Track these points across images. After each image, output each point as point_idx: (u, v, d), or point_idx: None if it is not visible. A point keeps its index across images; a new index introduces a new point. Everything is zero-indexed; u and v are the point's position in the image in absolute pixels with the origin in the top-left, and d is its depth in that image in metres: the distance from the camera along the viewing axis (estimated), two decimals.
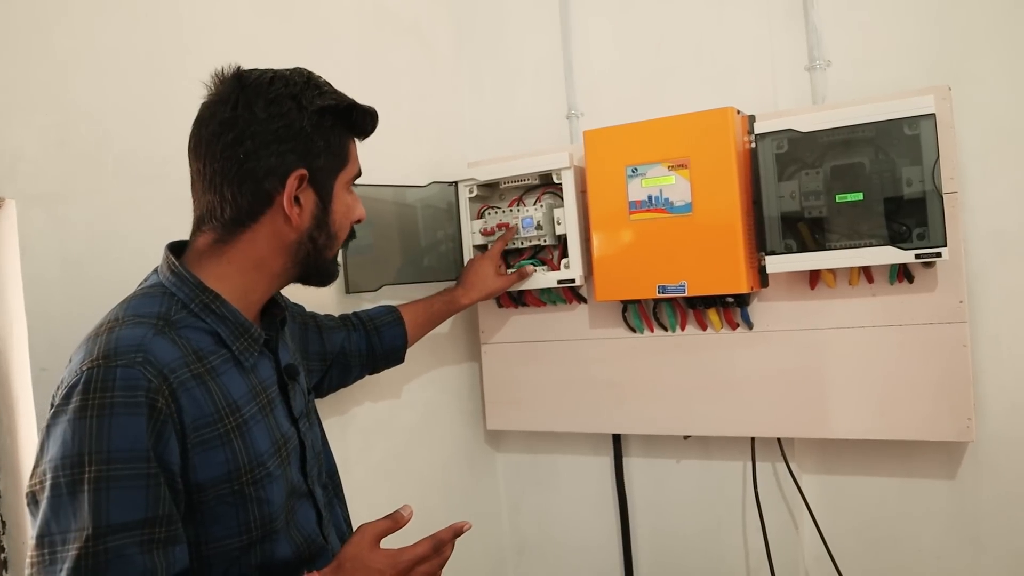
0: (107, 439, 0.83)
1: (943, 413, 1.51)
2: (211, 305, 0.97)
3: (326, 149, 1.02)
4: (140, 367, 0.86)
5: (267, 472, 0.97)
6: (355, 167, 1.10)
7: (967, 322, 1.50)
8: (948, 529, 1.63)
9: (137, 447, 0.84)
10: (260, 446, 0.97)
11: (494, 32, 2.11)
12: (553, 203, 1.81)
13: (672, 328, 1.76)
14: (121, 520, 0.82)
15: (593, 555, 2.03)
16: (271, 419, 1.02)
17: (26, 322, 1.12)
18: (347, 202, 1.09)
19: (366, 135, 1.11)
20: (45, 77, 1.17)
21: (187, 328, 0.95)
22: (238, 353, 0.99)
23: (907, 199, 1.45)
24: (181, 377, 0.90)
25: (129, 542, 0.82)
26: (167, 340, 0.91)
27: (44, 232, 1.15)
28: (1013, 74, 1.54)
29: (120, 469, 0.83)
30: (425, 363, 1.93)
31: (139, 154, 1.29)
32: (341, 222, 1.08)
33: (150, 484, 0.84)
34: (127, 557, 0.82)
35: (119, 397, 0.84)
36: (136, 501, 0.83)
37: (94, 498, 0.81)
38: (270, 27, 1.56)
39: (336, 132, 1.04)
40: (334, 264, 1.11)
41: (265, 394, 1.02)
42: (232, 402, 0.95)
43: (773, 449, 1.72)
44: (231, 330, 0.99)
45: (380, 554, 0.95)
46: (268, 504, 0.96)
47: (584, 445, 2.03)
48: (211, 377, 0.94)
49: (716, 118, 1.57)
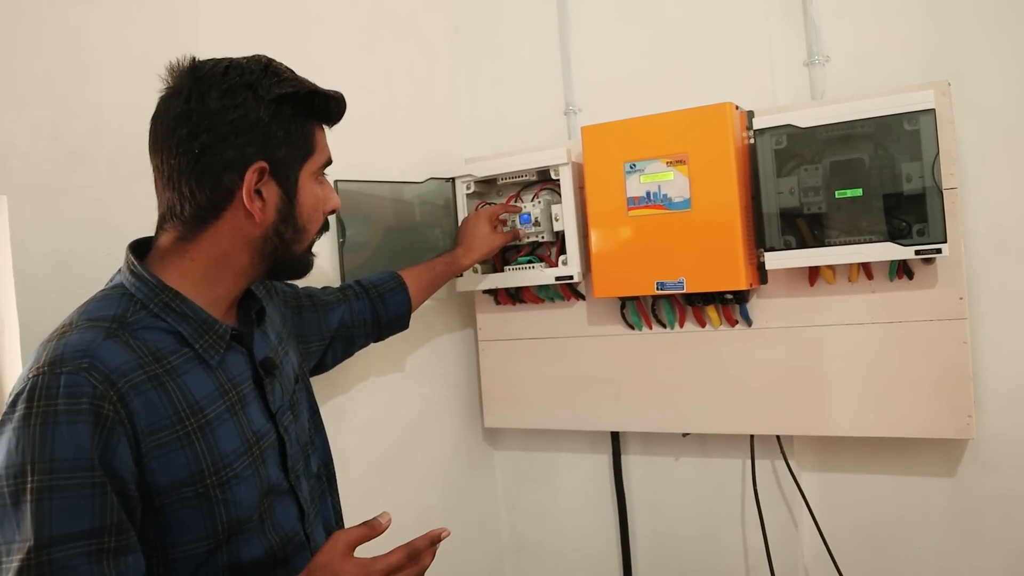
0: (50, 448, 0.80)
1: (943, 410, 1.50)
2: (171, 304, 0.95)
3: (287, 139, 0.98)
4: (85, 373, 0.84)
5: (234, 473, 0.94)
6: (323, 155, 1.05)
7: (967, 319, 1.49)
8: (948, 527, 1.63)
9: (80, 456, 0.81)
10: (225, 447, 0.94)
11: (491, 27, 2.10)
12: (551, 199, 1.80)
13: (671, 325, 1.75)
14: (65, 531, 0.80)
15: (591, 553, 2.02)
16: (242, 417, 0.99)
17: (17, 319, 1.11)
18: (315, 193, 1.04)
19: (333, 121, 1.06)
20: (37, 72, 1.16)
21: (145, 329, 0.92)
22: (202, 351, 0.96)
23: (907, 195, 1.44)
24: (134, 380, 0.87)
25: (75, 553, 0.80)
26: (119, 343, 0.88)
27: (36, 228, 1.14)
28: (1013, 69, 1.53)
29: (63, 479, 0.80)
30: (423, 360, 1.92)
31: (132, 149, 1.27)
32: (310, 214, 1.03)
33: (95, 493, 0.82)
34: (74, 568, 0.79)
35: (62, 405, 0.82)
36: (80, 511, 0.81)
37: (36, 508, 0.79)
38: (264, 22, 1.55)
39: (298, 121, 0.99)
40: (306, 256, 1.07)
41: (236, 391, 0.99)
42: (194, 403, 0.92)
43: (772, 447, 1.71)
44: (193, 328, 0.96)
45: (352, 563, 0.92)
46: (235, 506, 0.94)
47: (582, 443, 2.02)
48: (170, 378, 0.91)
49: (714, 113, 1.57)
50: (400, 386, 1.85)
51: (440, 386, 1.98)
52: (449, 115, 2.10)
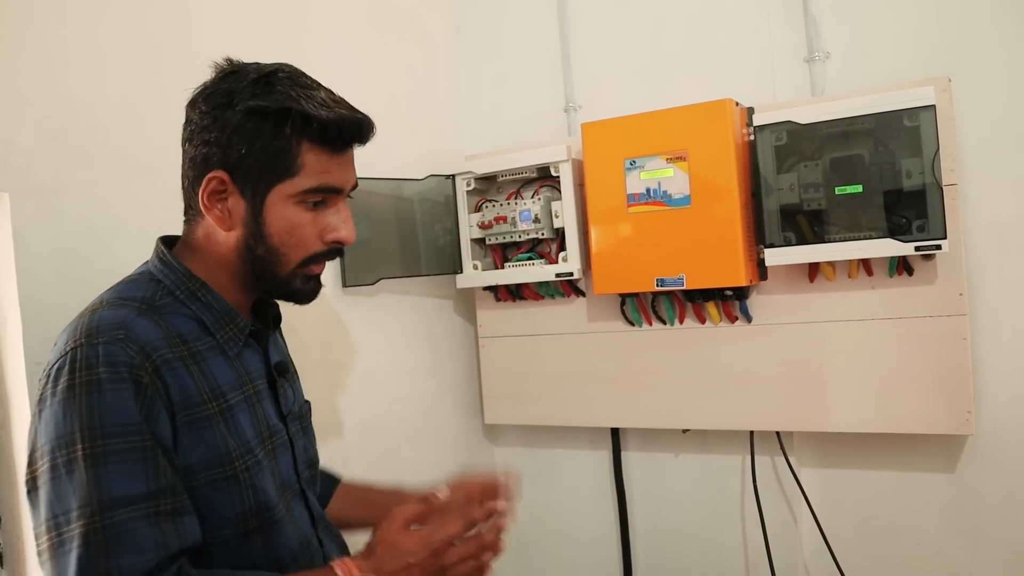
0: (98, 415, 0.82)
1: (942, 406, 1.51)
2: (196, 293, 0.97)
3: (253, 153, 0.93)
4: (122, 344, 0.85)
5: (256, 460, 0.96)
6: (311, 180, 0.95)
7: (967, 315, 1.49)
8: (947, 523, 1.63)
9: (129, 420, 0.83)
10: (247, 433, 0.96)
11: (491, 24, 2.10)
12: (551, 196, 1.80)
13: (671, 321, 1.75)
14: (123, 494, 0.82)
15: (592, 549, 2.03)
16: (258, 409, 1.00)
17: (20, 315, 1.11)
18: (290, 216, 0.96)
19: (336, 145, 0.97)
20: (38, 70, 1.16)
21: (172, 314, 0.94)
22: (222, 342, 0.97)
23: (907, 191, 1.44)
24: (164, 356, 0.89)
25: (135, 515, 0.82)
26: (150, 321, 0.90)
27: (38, 225, 1.14)
28: (1013, 66, 1.53)
29: (115, 443, 0.82)
30: (423, 357, 1.93)
31: (132, 147, 1.28)
32: (281, 236, 0.96)
33: (147, 456, 0.84)
34: (135, 531, 0.81)
35: (104, 373, 0.84)
36: (136, 474, 0.83)
37: (93, 475, 0.81)
38: (263, 20, 1.55)
39: (276, 137, 0.93)
40: (295, 282, 1.00)
41: (251, 385, 1.01)
42: (217, 387, 0.94)
43: (772, 443, 1.72)
44: (216, 318, 0.97)
45: (411, 537, 0.93)
46: (262, 492, 0.95)
47: (582, 439, 2.02)
48: (195, 362, 0.93)
49: (715, 110, 1.57)
50: (400, 383, 1.85)
51: (440, 383, 1.98)
52: (449, 112, 2.10)
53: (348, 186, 1.01)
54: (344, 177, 0.99)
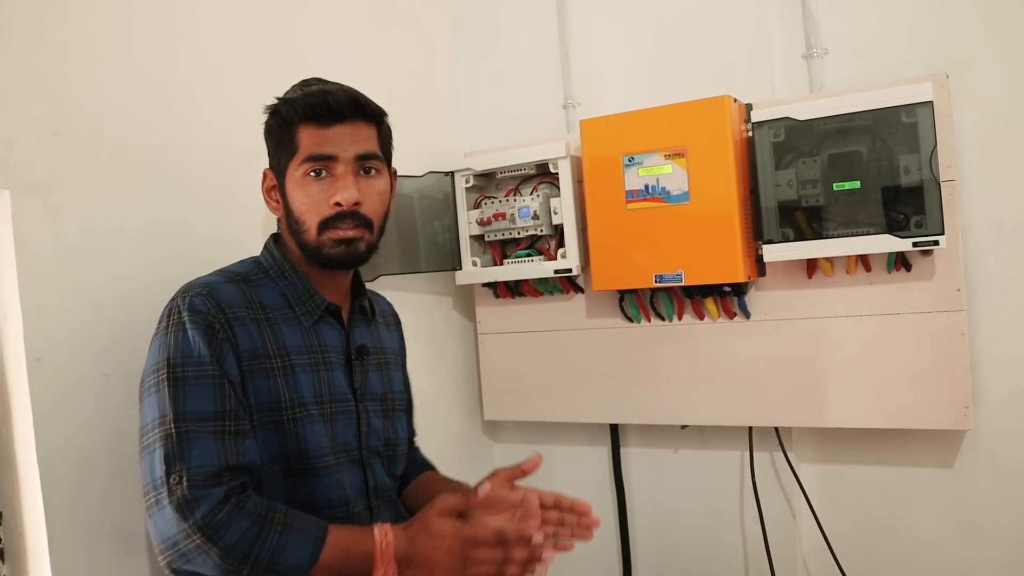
0: (178, 348, 1.04)
1: (941, 401, 1.51)
2: (286, 273, 1.17)
3: (276, 147, 1.16)
4: (203, 298, 1.07)
5: (307, 413, 1.11)
6: (304, 151, 1.12)
7: (965, 310, 1.49)
8: (946, 517, 1.64)
9: (202, 354, 1.04)
10: (304, 390, 1.12)
11: (490, 21, 2.10)
12: (550, 193, 1.80)
13: (669, 318, 1.75)
14: (194, 410, 1.02)
15: (591, 546, 2.01)
16: (323, 375, 1.15)
17: (21, 312, 1.11)
18: (302, 189, 1.13)
19: (320, 120, 1.11)
20: (39, 67, 1.16)
21: (261, 286, 1.15)
22: (300, 314, 1.16)
23: (905, 187, 1.45)
24: (238, 314, 1.09)
25: (204, 430, 1.01)
26: (235, 287, 1.11)
27: (38, 222, 1.15)
28: (1011, 62, 1.53)
29: (190, 371, 1.03)
30: (422, 353, 1.93)
31: (132, 144, 1.28)
32: (299, 208, 1.13)
33: (215, 384, 1.04)
34: (204, 442, 1.00)
35: (186, 317, 1.05)
36: (204, 396, 1.03)
37: (172, 393, 1.02)
38: (263, 16, 1.55)
39: (284, 127, 1.13)
40: (323, 247, 1.13)
41: (322, 355, 1.17)
42: (283, 348, 1.12)
43: (771, 438, 1.72)
44: (297, 295, 1.17)
45: (445, 523, 1.05)
46: (304, 442, 1.10)
47: (582, 435, 2.03)
48: (268, 325, 1.12)
49: (713, 106, 1.57)
50: None
51: (440, 379, 1.99)
52: (448, 109, 2.10)
53: (345, 154, 1.13)
54: (338, 147, 1.12)
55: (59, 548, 1.13)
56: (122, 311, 1.24)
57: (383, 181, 1.19)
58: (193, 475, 0.98)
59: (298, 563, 1.00)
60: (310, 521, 1.04)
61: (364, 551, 1.03)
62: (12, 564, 1.18)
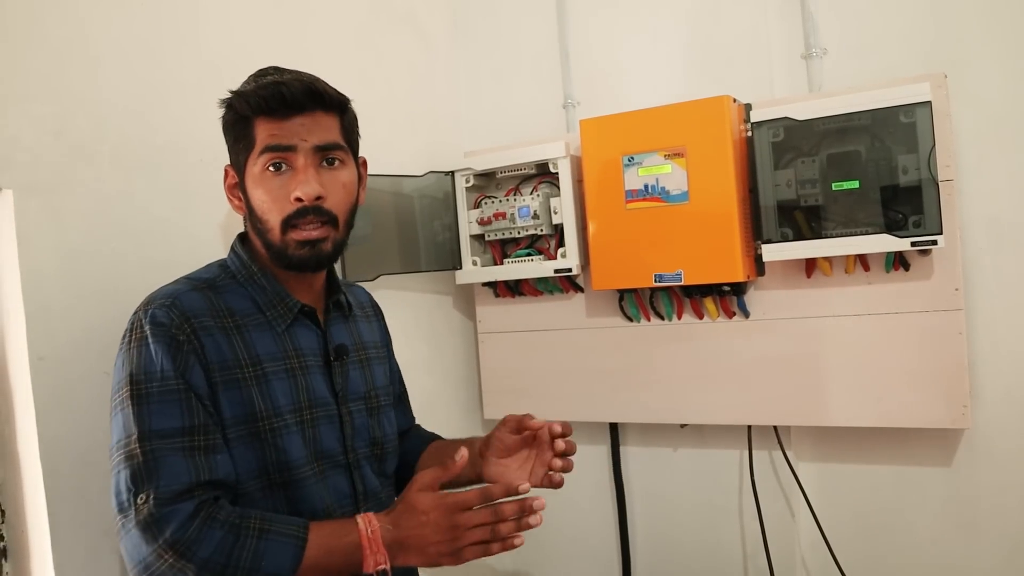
0: (141, 364, 1.00)
1: (939, 400, 1.51)
2: (254, 276, 1.12)
3: (235, 142, 1.11)
4: (166, 309, 1.03)
5: (284, 423, 1.07)
6: (261, 144, 1.06)
7: (963, 309, 1.50)
8: (944, 516, 1.64)
9: (165, 369, 1.00)
10: (279, 399, 1.08)
11: (490, 20, 2.10)
12: (550, 192, 1.81)
13: (669, 317, 1.76)
14: (160, 427, 0.98)
15: (590, 543, 2.03)
16: (300, 381, 1.11)
17: (24, 311, 1.12)
18: (261, 184, 1.07)
19: (274, 112, 1.05)
20: (41, 67, 1.17)
21: (229, 292, 1.10)
22: (271, 319, 1.11)
23: (903, 187, 1.45)
24: (204, 323, 1.04)
25: (171, 447, 0.97)
26: (200, 295, 1.07)
27: (41, 222, 1.15)
28: (1009, 62, 1.54)
29: (155, 386, 0.99)
30: (422, 352, 1.93)
31: (135, 144, 1.29)
32: (259, 205, 1.08)
33: (182, 399, 1.00)
34: (172, 460, 0.96)
35: (148, 331, 1.01)
36: (171, 412, 0.99)
37: (137, 410, 0.98)
38: (265, 17, 1.56)
39: (240, 122, 1.08)
40: (290, 249, 1.07)
41: (299, 359, 1.12)
42: (255, 356, 1.08)
43: (770, 437, 1.73)
44: (268, 298, 1.12)
45: (427, 497, 1.01)
46: (284, 452, 1.06)
47: (581, 434, 2.01)
48: (238, 332, 1.07)
49: (712, 106, 1.57)
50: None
51: (440, 378, 1.99)
52: (448, 108, 2.11)
53: (303, 144, 1.06)
54: (295, 137, 1.06)
55: (62, 546, 1.13)
56: (124, 310, 1.23)
57: (348, 172, 1.12)
58: (161, 494, 0.94)
59: (281, 567, 0.96)
60: (289, 522, 1.00)
61: (350, 542, 0.99)
62: (15, 562, 1.19)
